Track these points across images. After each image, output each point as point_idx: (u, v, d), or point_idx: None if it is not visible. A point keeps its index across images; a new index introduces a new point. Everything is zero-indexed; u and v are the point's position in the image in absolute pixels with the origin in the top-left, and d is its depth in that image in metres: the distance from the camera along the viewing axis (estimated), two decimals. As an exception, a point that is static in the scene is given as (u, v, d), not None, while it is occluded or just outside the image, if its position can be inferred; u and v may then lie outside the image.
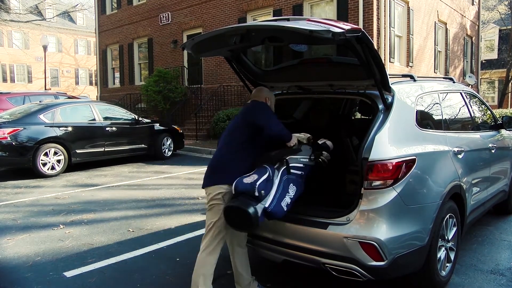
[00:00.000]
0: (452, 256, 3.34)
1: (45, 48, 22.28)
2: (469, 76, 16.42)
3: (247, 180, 2.67)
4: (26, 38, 34.93)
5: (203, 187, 2.94)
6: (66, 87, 38.33)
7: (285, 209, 2.72)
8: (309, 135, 3.18)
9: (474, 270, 3.60)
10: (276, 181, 2.75)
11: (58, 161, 8.35)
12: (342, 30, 2.32)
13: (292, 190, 2.80)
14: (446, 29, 16.17)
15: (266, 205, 2.64)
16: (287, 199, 2.75)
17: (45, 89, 22.28)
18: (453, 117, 3.97)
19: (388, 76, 2.89)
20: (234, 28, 2.77)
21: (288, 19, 2.67)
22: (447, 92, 3.97)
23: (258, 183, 2.62)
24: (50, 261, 3.96)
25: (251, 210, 2.55)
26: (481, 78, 23.39)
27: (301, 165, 2.95)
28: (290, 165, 2.88)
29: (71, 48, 40.06)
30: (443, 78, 4.49)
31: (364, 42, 2.53)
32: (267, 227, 3.05)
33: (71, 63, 40.33)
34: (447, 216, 3.16)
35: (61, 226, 5.02)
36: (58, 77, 39.51)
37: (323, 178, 3.47)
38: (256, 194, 2.60)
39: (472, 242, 4.29)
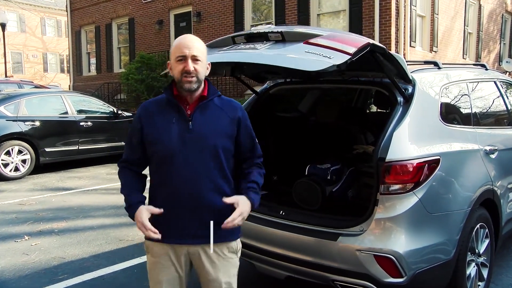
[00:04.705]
0: (485, 273, 3.35)
1: (3, 26, 21.92)
2: (507, 62, 16.36)
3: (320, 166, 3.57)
4: (-23, 14, 34.62)
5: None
6: (33, 74, 38.25)
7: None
8: None
9: (510, 290, 3.62)
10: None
11: (23, 161, 8.36)
12: (349, 56, 2.38)
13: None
14: (480, 6, 16.10)
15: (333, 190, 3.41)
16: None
17: (6, 76, 22.14)
18: (485, 110, 3.98)
19: (407, 67, 2.90)
20: (223, 62, 2.92)
21: (282, 35, 2.73)
22: (478, 81, 3.98)
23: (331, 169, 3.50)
24: (10, 279, 3.95)
25: (321, 187, 3.32)
26: (520, 64, 23.32)
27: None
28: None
29: (37, 29, 39.90)
30: (474, 64, 4.50)
31: (376, 52, 2.59)
32: (268, 238, 3.08)
33: (38, 46, 40.20)
34: (478, 225, 3.17)
35: (26, 237, 5.03)
36: (22, 62, 39.39)
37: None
38: (328, 178, 3.45)
39: (509, 257, 4.30)
